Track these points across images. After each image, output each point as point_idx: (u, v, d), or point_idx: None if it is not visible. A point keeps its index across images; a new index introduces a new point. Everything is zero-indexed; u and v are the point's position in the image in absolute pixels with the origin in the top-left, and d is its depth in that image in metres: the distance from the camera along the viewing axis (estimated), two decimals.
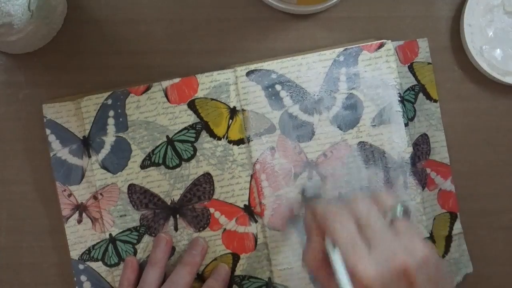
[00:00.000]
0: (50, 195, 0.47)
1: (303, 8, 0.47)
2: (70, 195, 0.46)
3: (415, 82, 0.47)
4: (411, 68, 0.47)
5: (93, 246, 0.46)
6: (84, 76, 0.47)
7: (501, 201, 0.48)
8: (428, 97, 0.48)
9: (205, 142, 0.46)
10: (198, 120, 0.46)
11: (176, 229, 0.46)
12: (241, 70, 0.46)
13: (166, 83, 0.46)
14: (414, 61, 0.47)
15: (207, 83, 0.46)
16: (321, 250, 0.37)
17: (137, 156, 0.46)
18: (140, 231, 0.46)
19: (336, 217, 0.36)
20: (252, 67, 0.46)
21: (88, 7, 0.47)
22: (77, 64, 0.47)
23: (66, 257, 0.47)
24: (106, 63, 0.47)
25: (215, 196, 0.46)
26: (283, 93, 0.46)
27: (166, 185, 0.46)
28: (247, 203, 0.46)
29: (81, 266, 0.46)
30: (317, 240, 0.37)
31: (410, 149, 0.46)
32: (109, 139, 0.46)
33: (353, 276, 0.33)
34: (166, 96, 0.46)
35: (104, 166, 0.46)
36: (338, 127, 0.46)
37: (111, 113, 0.46)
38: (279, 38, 0.48)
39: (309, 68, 0.46)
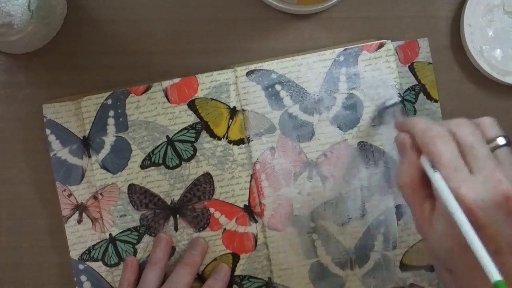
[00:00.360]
0: (50, 195, 0.47)
1: (303, 8, 0.47)
2: (70, 195, 0.46)
3: (415, 82, 0.47)
4: (411, 68, 0.47)
5: (93, 246, 0.46)
6: (84, 76, 0.47)
7: None
8: (429, 97, 0.48)
9: (205, 142, 0.46)
10: (198, 120, 0.46)
11: (176, 229, 0.46)
12: (241, 70, 0.46)
13: (166, 83, 0.46)
14: (415, 61, 0.47)
15: (207, 83, 0.46)
16: (417, 170, 0.36)
17: (137, 156, 0.46)
18: (140, 231, 0.46)
19: (439, 137, 0.35)
20: (252, 67, 0.46)
21: (88, 7, 0.47)
22: (77, 64, 0.47)
23: (66, 257, 0.47)
24: (106, 63, 0.47)
25: (215, 196, 0.46)
26: (283, 93, 0.46)
27: (166, 185, 0.46)
28: (247, 203, 0.46)
29: (81, 266, 0.46)
30: (413, 160, 0.36)
31: None
32: (109, 139, 0.46)
33: (457, 199, 0.33)
34: (166, 96, 0.46)
35: (104, 166, 0.46)
36: (338, 127, 0.46)
37: (111, 113, 0.46)
38: (279, 38, 0.48)
39: (309, 68, 0.46)
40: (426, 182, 0.36)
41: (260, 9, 0.48)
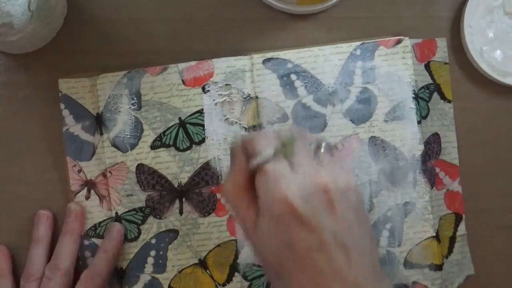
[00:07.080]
0: (52, 195, 0.47)
1: (303, 8, 0.47)
2: (80, 170, 0.46)
3: (430, 81, 0.47)
4: (427, 67, 0.47)
5: (99, 223, 0.46)
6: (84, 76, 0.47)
7: (501, 201, 0.48)
8: (443, 97, 0.48)
9: None
10: None
11: (181, 212, 0.46)
12: (258, 57, 0.46)
13: (182, 65, 0.46)
14: (431, 60, 0.47)
15: (223, 68, 0.46)
16: (243, 174, 0.35)
17: (148, 136, 0.46)
18: (145, 212, 0.46)
19: (262, 136, 0.35)
20: (269, 55, 0.46)
21: (88, 7, 0.47)
22: (77, 64, 0.47)
23: None
24: (106, 63, 0.47)
25: (223, 182, 0.46)
26: (298, 83, 0.46)
27: (174, 167, 0.46)
28: None
29: (86, 242, 0.46)
30: (240, 163, 0.35)
31: (422, 147, 0.46)
32: (122, 117, 0.46)
33: (276, 193, 0.33)
34: (182, 78, 0.46)
35: (114, 144, 0.46)
36: (350, 120, 0.46)
37: (126, 91, 0.46)
38: (279, 38, 0.48)
39: (325, 60, 0.46)
40: (251, 186, 0.35)
41: (260, 9, 0.47)
